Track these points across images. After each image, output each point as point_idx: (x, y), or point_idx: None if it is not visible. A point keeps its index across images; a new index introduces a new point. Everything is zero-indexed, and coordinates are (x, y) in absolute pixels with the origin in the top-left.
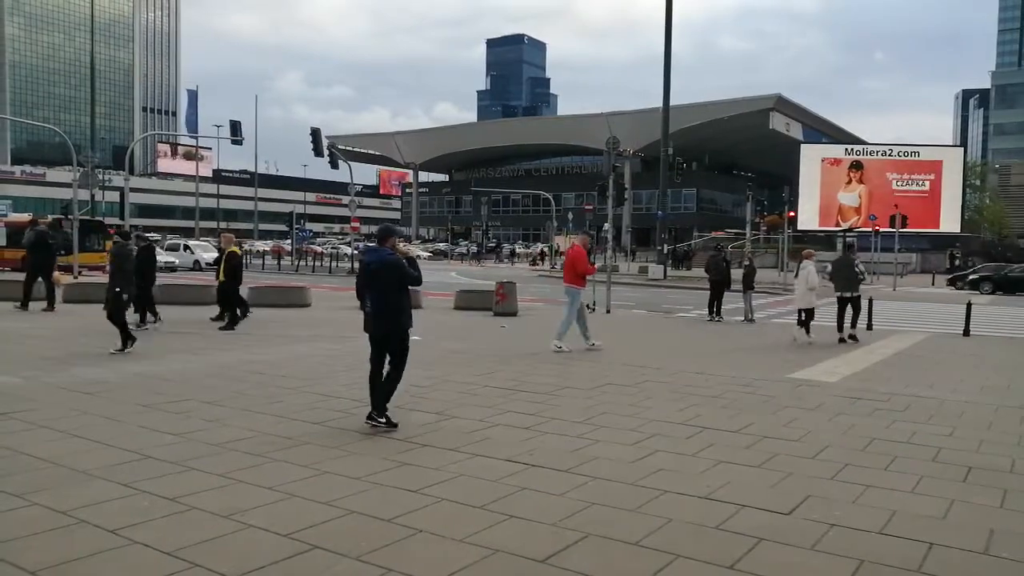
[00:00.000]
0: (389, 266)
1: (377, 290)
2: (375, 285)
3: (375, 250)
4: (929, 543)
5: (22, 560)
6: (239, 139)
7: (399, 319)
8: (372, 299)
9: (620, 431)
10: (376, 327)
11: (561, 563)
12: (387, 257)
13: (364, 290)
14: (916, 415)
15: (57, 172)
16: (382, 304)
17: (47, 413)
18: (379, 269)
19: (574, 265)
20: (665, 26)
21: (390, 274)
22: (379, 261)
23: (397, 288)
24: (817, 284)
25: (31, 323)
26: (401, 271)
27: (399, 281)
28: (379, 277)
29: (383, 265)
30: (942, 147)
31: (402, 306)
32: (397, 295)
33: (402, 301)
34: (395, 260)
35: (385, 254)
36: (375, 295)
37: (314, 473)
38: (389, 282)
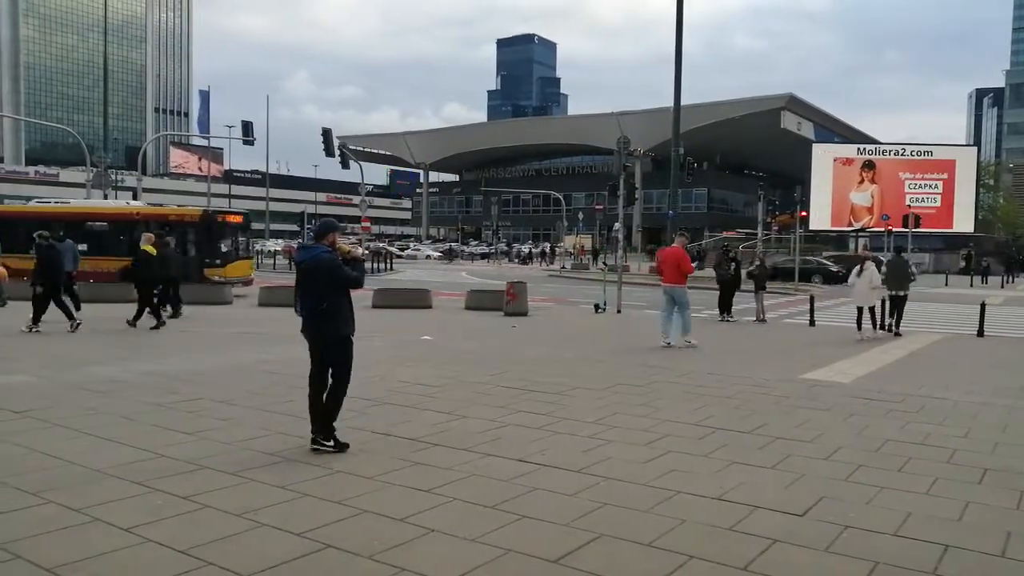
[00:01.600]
0: (323, 266)
1: (310, 292)
2: (308, 286)
3: (310, 247)
4: (945, 545)
5: (38, 557)
6: (251, 139)
7: (334, 325)
8: (304, 302)
9: (632, 431)
10: (307, 333)
11: (574, 563)
12: (321, 255)
13: (297, 291)
14: (930, 416)
15: (70, 172)
16: (315, 308)
17: (61, 412)
18: (312, 269)
19: (679, 265)
20: (676, 27)
21: (324, 274)
22: (312, 259)
23: (333, 290)
24: (880, 283)
25: None
26: (336, 271)
27: (335, 282)
28: (312, 277)
29: (316, 264)
30: (955, 146)
31: (338, 310)
32: (333, 298)
33: (339, 305)
34: (330, 259)
35: (319, 252)
36: (308, 297)
37: (327, 472)
38: (324, 283)
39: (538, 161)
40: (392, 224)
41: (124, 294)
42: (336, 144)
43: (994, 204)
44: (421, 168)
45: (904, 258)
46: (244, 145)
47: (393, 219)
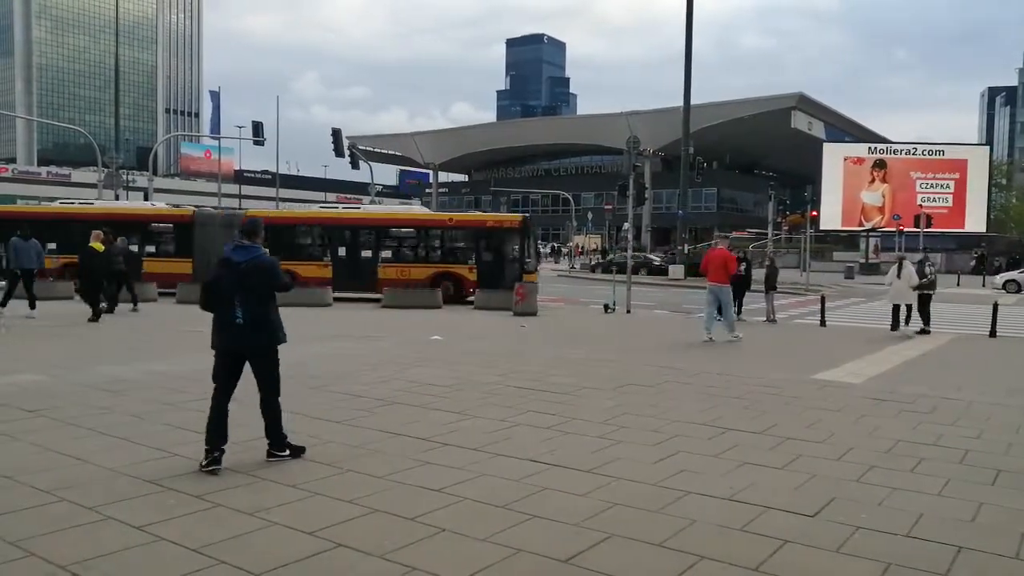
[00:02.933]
0: (266, 268)
1: (247, 296)
2: (245, 290)
3: (246, 248)
4: (958, 547)
5: (52, 555)
6: (261, 140)
7: (274, 332)
8: (242, 308)
9: (642, 432)
10: (243, 341)
11: (585, 563)
12: (263, 257)
13: (224, 296)
14: (942, 417)
15: (82, 173)
16: (254, 313)
17: (74, 411)
18: (252, 271)
19: (725, 266)
20: (686, 27)
21: (264, 278)
22: (252, 261)
23: (269, 295)
24: (917, 282)
25: (50, 321)
26: (278, 275)
27: (272, 287)
28: (254, 280)
29: (259, 266)
30: (967, 146)
31: (275, 317)
32: (269, 303)
33: (274, 310)
34: (271, 262)
35: (260, 253)
36: (247, 303)
37: (337, 471)
38: (262, 287)
39: (547, 161)
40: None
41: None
42: (346, 144)
43: (1007, 203)
44: (430, 168)
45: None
46: (254, 145)
47: None
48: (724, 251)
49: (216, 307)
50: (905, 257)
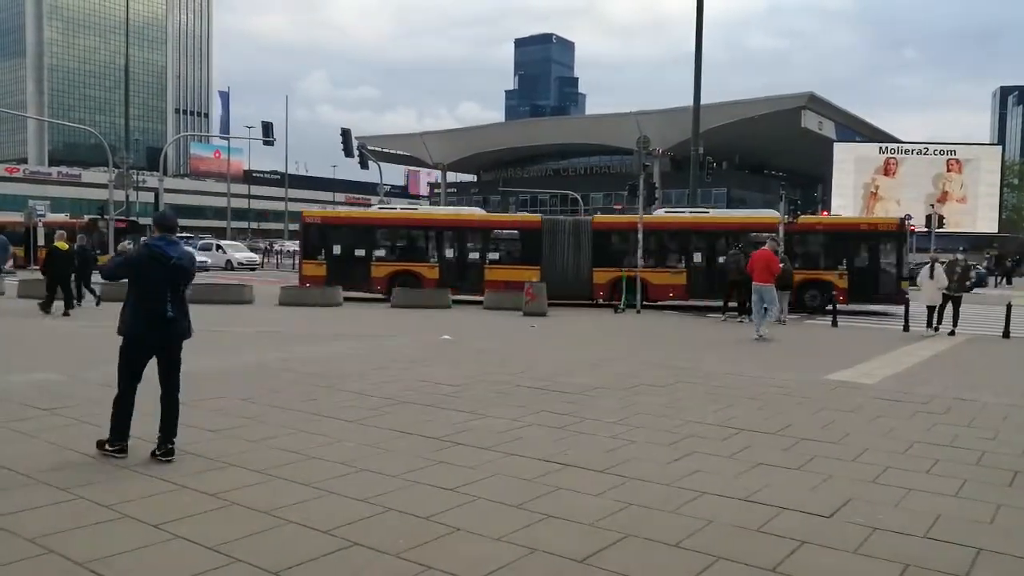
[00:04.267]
0: (189, 264)
1: (178, 292)
2: (176, 285)
3: (174, 243)
4: (977, 548)
5: (70, 552)
6: (271, 140)
7: (187, 324)
8: (172, 303)
9: (655, 432)
10: (166, 335)
11: (601, 563)
12: (189, 253)
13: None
14: (957, 418)
15: (92, 173)
16: (180, 307)
17: (90, 409)
18: (183, 267)
19: (768, 266)
20: (696, 26)
21: (189, 271)
22: (184, 257)
23: (182, 288)
24: (946, 283)
25: (63, 320)
26: (192, 271)
27: (188, 281)
28: (181, 276)
29: (187, 262)
30: (979, 145)
31: (186, 309)
32: (182, 296)
33: (185, 303)
34: (192, 257)
35: (186, 249)
36: (176, 297)
37: (351, 470)
38: (187, 283)
39: (556, 161)
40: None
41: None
42: (355, 145)
43: (1019, 204)
44: (439, 168)
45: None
46: (264, 146)
47: None
48: (769, 252)
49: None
50: (938, 258)
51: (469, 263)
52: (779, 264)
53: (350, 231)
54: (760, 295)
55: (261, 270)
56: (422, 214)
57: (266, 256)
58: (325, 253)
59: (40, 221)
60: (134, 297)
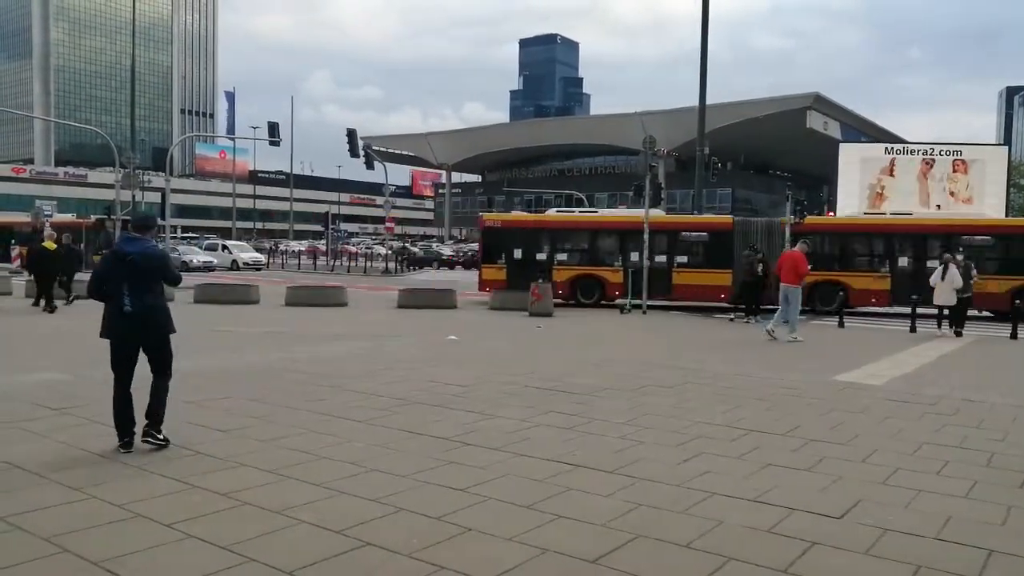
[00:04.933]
0: (154, 259)
1: (138, 286)
2: (134, 280)
3: (136, 240)
4: (989, 550)
5: (84, 551)
6: (277, 140)
7: (166, 320)
8: (131, 297)
9: (664, 432)
10: (133, 329)
11: (612, 564)
12: (155, 249)
13: (113, 286)
14: (966, 419)
15: (99, 173)
16: (146, 303)
17: (99, 409)
18: (143, 262)
19: (796, 267)
20: (702, 26)
21: (157, 269)
22: (143, 253)
23: (160, 286)
24: (960, 284)
25: (78, 321)
26: (169, 267)
27: (164, 278)
28: (142, 271)
29: (148, 258)
30: (985, 146)
31: (165, 306)
32: (159, 293)
33: (164, 301)
34: (162, 253)
35: (150, 245)
36: (136, 292)
37: (362, 470)
38: (152, 278)
39: (560, 161)
40: (414, 224)
41: None
42: (361, 145)
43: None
44: (444, 169)
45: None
46: (269, 146)
47: (415, 219)
48: (797, 253)
49: (104, 296)
50: (951, 259)
51: (655, 267)
52: (807, 266)
53: (531, 234)
54: (786, 295)
55: (267, 270)
56: (606, 216)
57: (271, 256)
58: (505, 257)
59: (47, 221)
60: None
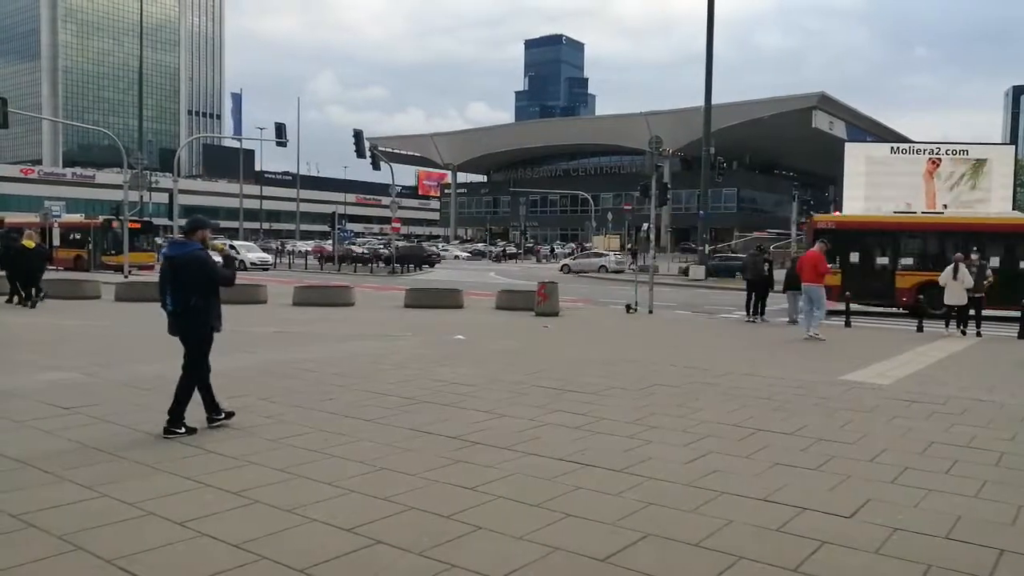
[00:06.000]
0: (195, 261)
1: (179, 288)
2: (177, 282)
3: (181, 243)
4: (1000, 549)
5: (97, 548)
6: (284, 141)
7: (203, 320)
8: (172, 296)
9: (672, 432)
10: (174, 327)
11: (623, 562)
12: (195, 252)
13: (161, 286)
14: (975, 419)
15: (106, 174)
16: (182, 303)
17: (110, 408)
18: (184, 265)
19: (816, 267)
20: (707, 26)
21: (196, 271)
22: (184, 255)
23: (204, 287)
24: (972, 283)
25: (84, 320)
26: (207, 268)
27: (206, 279)
28: (183, 273)
29: (188, 260)
30: (992, 145)
31: (207, 307)
32: (203, 294)
33: (208, 301)
34: (202, 255)
35: (193, 248)
36: (176, 292)
37: (372, 469)
38: (195, 280)
39: (566, 161)
40: (420, 225)
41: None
42: (367, 146)
43: None
44: (449, 169)
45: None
46: (276, 147)
47: (421, 220)
48: (817, 253)
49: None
50: (962, 259)
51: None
52: (827, 265)
53: (871, 237)
54: (808, 295)
55: (274, 270)
56: (961, 218)
57: (278, 256)
58: (840, 261)
59: (55, 221)
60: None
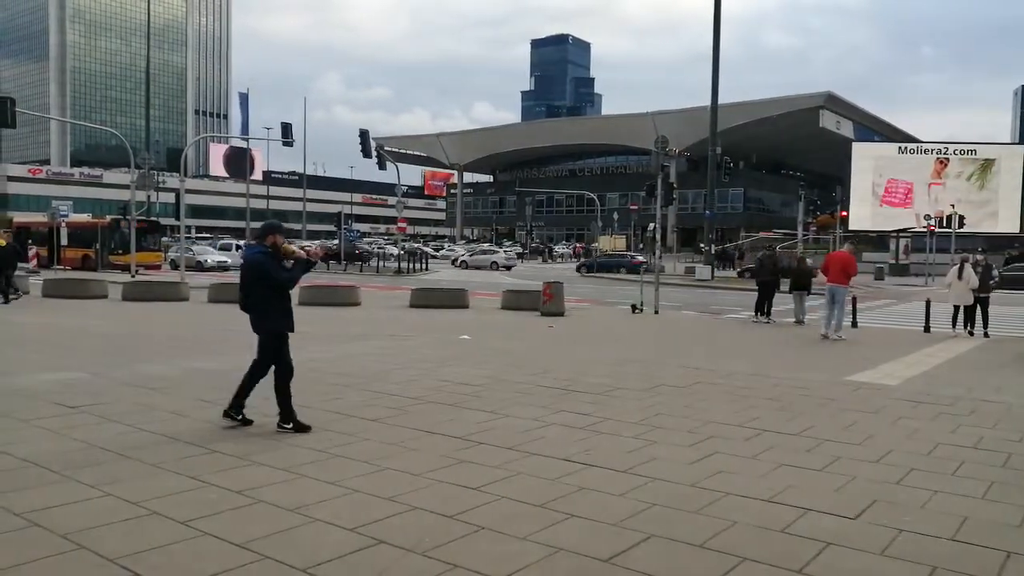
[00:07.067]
0: (254, 265)
1: (246, 288)
2: (243, 282)
3: (251, 246)
4: (1007, 551)
5: (101, 548)
6: (290, 141)
7: (263, 320)
8: (246, 295)
9: (677, 432)
10: (252, 326)
11: (626, 563)
12: (255, 255)
13: (241, 287)
14: (982, 420)
15: (113, 174)
16: (248, 302)
17: (115, 407)
18: (247, 267)
19: (844, 268)
20: (714, 26)
21: (256, 273)
22: (248, 257)
23: (262, 287)
24: (977, 284)
25: (90, 320)
26: (260, 270)
27: (264, 280)
28: (247, 275)
29: (250, 262)
30: (999, 145)
31: (266, 307)
32: (261, 295)
33: (267, 302)
34: (258, 259)
35: (255, 252)
36: (245, 292)
37: (375, 469)
38: (255, 281)
39: (572, 161)
40: (426, 224)
41: None
42: (373, 146)
43: None
44: (455, 169)
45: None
46: (282, 146)
47: (427, 220)
48: (845, 254)
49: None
50: (968, 259)
51: None
52: (856, 267)
53: None
54: (832, 295)
55: None
56: None
57: None
58: None
59: (63, 221)
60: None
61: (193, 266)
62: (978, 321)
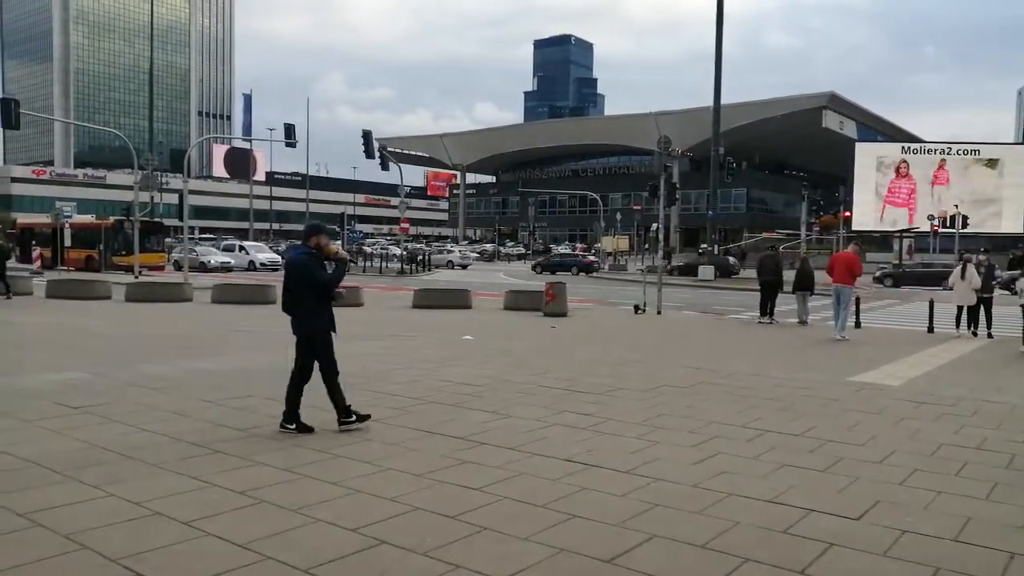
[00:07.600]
0: (297, 265)
1: (289, 289)
2: (288, 284)
3: (294, 247)
4: (1011, 552)
5: (104, 548)
6: (293, 142)
7: (305, 321)
8: (285, 296)
9: (679, 433)
10: (292, 327)
11: (628, 564)
12: (298, 256)
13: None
14: (985, 420)
15: (117, 175)
16: (290, 304)
17: (118, 408)
18: (289, 268)
19: (850, 268)
20: (716, 27)
21: (298, 273)
22: (290, 258)
23: (305, 288)
24: (979, 284)
25: (94, 320)
26: (303, 271)
27: (305, 281)
28: (290, 276)
29: (292, 263)
30: (1003, 145)
31: (310, 308)
32: (304, 295)
33: (309, 302)
34: (300, 259)
35: (298, 252)
36: (288, 293)
37: (377, 469)
38: (296, 281)
39: (575, 162)
40: (429, 225)
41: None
42: (376, 146)
43: None
44: (458, 169)
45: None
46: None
47: (430, 220)
48: (851, 254)
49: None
50: (971, 259)
51: None
52: (861, 267)
53: None
54: (838, 295)
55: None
56: None
57: None
58: None
59: (67, 222)
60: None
61: (196, 267)
62: (982, 321)
